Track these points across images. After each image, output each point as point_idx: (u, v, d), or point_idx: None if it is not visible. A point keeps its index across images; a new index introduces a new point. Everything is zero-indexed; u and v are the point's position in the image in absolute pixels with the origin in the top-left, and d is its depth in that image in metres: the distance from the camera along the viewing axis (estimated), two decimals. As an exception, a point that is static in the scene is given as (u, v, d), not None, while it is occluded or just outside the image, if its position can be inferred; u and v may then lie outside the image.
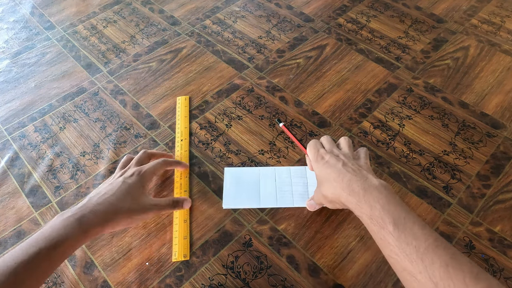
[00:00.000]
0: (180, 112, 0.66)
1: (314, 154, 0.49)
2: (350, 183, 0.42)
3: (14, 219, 0.56)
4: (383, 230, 0.38)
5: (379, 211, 0.39)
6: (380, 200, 0.39)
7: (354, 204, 0.41)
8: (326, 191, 0.46)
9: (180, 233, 0.51)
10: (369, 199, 0.40)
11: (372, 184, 0.41)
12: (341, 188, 0.43)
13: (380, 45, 0.75)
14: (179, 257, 0.50)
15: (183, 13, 0.85)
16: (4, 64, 0.78)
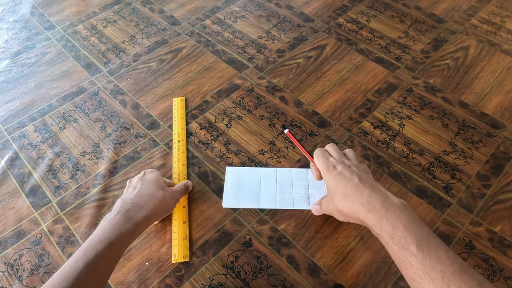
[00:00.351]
0: (177, 113, 0.66)
1: (325, 163, 0.47)
2: (370, 200, 0.41)
3: (14, 219, 0.56)
4: (405, 251, 0.36)
5: (401, 231, 0.37)
6: (403, 219, 0.38)
7: (375, 222, 0.40)
8: (341, 206, 0.44)
9: (179, 234, 0.51)
10: (391, 218, 0.39)
11: (393, 202, 0.40)
12: (360, 204, 0.41)
13: (380, 45, 0.75)
14: (179, 258, 0.50)
15: (183, 13, 0.85)
16: (4, 64, 0.78)
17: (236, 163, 0.59)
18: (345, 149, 0.50)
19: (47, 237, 0.53)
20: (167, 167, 0.59)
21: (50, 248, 0.52)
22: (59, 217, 0.55)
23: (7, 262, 0.51)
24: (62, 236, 0.53)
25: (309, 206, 0.53)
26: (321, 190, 0.55)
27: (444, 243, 0.37)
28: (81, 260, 0.39)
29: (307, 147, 0.60)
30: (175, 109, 0.66)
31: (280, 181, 0.56)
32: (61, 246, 0.52)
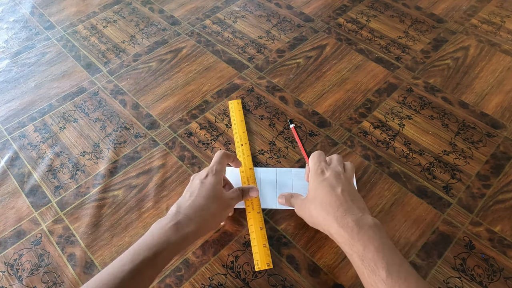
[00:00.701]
0: (235, 116, 0.64)
1: (315, 165, 0.47)
2: (345, 215, 0.41)
3: (14, 219, 0.56)
4: (375, 276, 0.36)
5: (372, 253, 0.37)
6: (375, 241, 0.38)
7: (345, 239, 0.40)
8: (316, 213, 0.44)
9: (259, 241, 0.50)
10: (363, 238, 0.38)
11: (367, 222, 0.40)
12: (334, 217, 0.41)
13: (380, 45, 0.75)
14: (262, 266, 0.48)
15: (183, 13, 0.85)
16: (4, 64, 0.78)
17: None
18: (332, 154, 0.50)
19: (47, 237, 0.53)
20: (167, 167, 0.59)
21: (50, 248, 0.52)
22: (59, 217, 0.55)
23: (7, 262, 0.51)
24: (62, 236, 0.53)
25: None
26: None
27: (415, 271, 0.37)
28: (128, 264, 0.39)
29: (307, 147, 0.60)
30: (233, 112, 0.64)
31: (280, 181, 0.56)
32: (61, 246, 0.52)
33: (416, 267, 0.48)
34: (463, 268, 0.48)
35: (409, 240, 0.50)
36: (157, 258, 0.40)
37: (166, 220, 0.43)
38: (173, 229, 0.42)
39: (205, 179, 0.48)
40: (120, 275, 0.38)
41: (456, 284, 0.47)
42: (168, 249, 0.41)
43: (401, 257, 0.37)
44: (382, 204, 0.54)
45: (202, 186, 0.47)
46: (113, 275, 0.38)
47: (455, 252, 0.49)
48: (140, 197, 0.56)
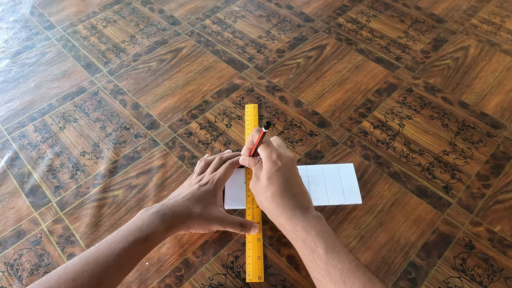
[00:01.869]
0: (250, 121, 0.63)
1: (270, 151, 0.48)
2: (294, 209, 0.45)
3: (14, 219, 0.56)
4: (314, 253, 0.41)
5: (313, 236, 0.42)
6: (316, 227, 0.43)
7: (292, 228, 0.44)
8: (267, 203, 0.46)
9: (254, 252, 0.49)
10: (306, 226, 0.43)
11: (311, 214, 0.45)
12: (284, 210, 0.45)
13: (380, 45, 0.75)
14: (254, 278, 0.48)
15: (183, 13, 0.85)
16: (4, 64, 0.78)
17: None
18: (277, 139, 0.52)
19: (47, 237, 0.53)
20: (167, 167, 0.59)
21: (50, 248, 0.52)
22: (59, 217, 0.55)
23: (7, 262, 0.51)
24: (62, 236, 0.53)
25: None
26: (321, 185, 0.55)
27: (348, 248, 0.42)
28: (122, 242, 0.41)
29: (307, 147, 0.60)
30: (248, 117, 0.63)
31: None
32: (61, 246, 0.52)
33: (416, 267, 0.48)
34: (463, 268, 0.48)
35: (409, 240, 0.50)
36: (147, 241, 0.43)
37: (154, 208, 0.46)
38: (160, 219, 0.44)
39: (203, 186, 0.51)
40: (116, 249, 0.41)
41: (456, 284, 0.47)
42: (155, 236, 0.44)
43: (336, 238, 0.42)
44: (382, 204, 0.54)
45: (197, 191, 0.50)
46: (109, 249, 0.41)
47: (455, 252, 0.49)
48: (140, 197, 0.56)
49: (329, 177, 0.56)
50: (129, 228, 0.43)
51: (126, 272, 0.42)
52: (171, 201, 0.48)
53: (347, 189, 0.55)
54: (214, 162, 0.55)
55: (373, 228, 0.51)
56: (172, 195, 0.51)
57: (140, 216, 0.45)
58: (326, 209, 0.53)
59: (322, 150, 0.60)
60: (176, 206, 0.47)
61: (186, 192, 0.50)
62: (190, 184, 0.52)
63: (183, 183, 0.55)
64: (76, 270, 0.39)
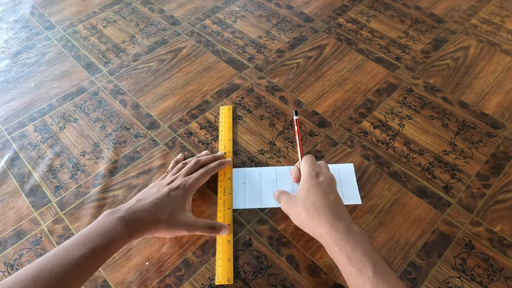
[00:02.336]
0: (224, 122, 0.63)
1: (310, 167, 0.48)
2: (336, 220, 0.43)
3: (14, 219, 0.56)
4: (362, 275, 0.39)
5: (360, 254, 0.40)
6: (363, 245, 0.41)
7: (336, 240, 0.42)
8: (307, 213, 0.45)
9: (224, 254, 0.49)
10: (352, 241, 0.41)
11: (354, 228, 0.43)
12: (326, 219, 0.43)
13: (380, 45, 0.75)
14: (223, 281, 0.47)
15: (183, 13, 0.85)
16: (4, 64, 0.78)
17: (236, 163, 0.59)
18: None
19: (47, 237, 0.53)
20: (167, 167, 0.59)
21: (50, 248, 0.52)
22: (59, 217, 0.55)
23: (7, 262, 0.51)
24: (62, 236, 0.53)
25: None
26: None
27: (395, 273, 0.40)
28: (81, 248, 0.40)
29: (307, 147, 0.60)
30: (222, 118, 0.63)
31: (280, 179, 0.56)
32: (61, 246, 0.52)
33: (416, 267, 0.48)
34: (463, 268, 0.48)
35: (409, 240, 0.50)
36: (107, 249, 0.42)
37: (119, 213, 0.44)
38: (123, 225, 0.43)
39: (173, 191, 0.49)
40: (73, 256, 0.39)
41: (456, 284, 0.47)
42: (116, 243, 0.43)
43: (383, 260, 0.40)
44: (382, 204, 0.54)
45: (166, 197, 0.48)
46: (66, 256, 0.39)
47: (455, 252, 0.49)
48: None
49: (329, 177, 0.56)
50: (89, 234, 0.42)
51: (84, 280, 0.41)
52: (137, 205, 0.46)
53: (347, 189, 0.55)
54: (189, 165, 0.54)
55: (373, 228, 0.51)
56: (140, 195, 0.49)
57: (103, 220, 0.43)
58: (326, 209, 0.53)
59: (322, 150, 0.60)
60: (143, 211, 0.46)
61: (155, 196, 0.48)
62: (161, 185, 0.51)
63: (156, 181, 0.54)
64: (28, 281, 0.36)
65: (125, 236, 0.43)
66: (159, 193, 0.49)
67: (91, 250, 0.40)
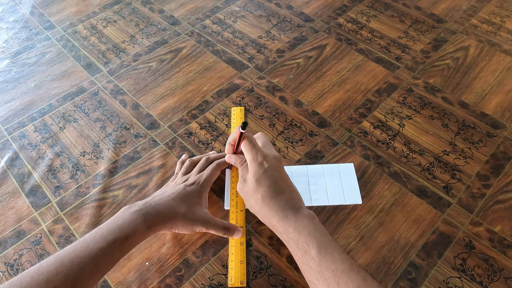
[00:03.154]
0: (236, 124, 0.63)
1: (254, 154, 0.47)
2: (285, 210, 0.44)
3: (14, 219, 0.56)
4: (307, 255, 0.40)
5: (305, 237, 0.41)
6: (308, 227, 0.42)
7: (284, 229, 0.43)
8: (258, 206, 0.45)
9: (236, 257, 0.49)
10: (299, 226, 0.42)
11: (302, 213, 0.44)
12: (275, 212, 0.44)
13: (380, 45, 0.75)
14: (236, 283, 0.47)
15: (183, 13, 0.85)
16: (4, 64, 0.78)
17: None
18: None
19: (47, 237, 0.53)
20: (167, 167, 0.59)
21: (50, 248, 0.52)
22: (59, 217, 0.55)
23: (7, 262, 0.51)
24: (62, 236, 0.53)
25: (310, 202, 0.53)
26: (321, 185, 0.55)
27: (341, 247, 0.41)
28: (101, 241, 0.40)
29: (307, 147, 0.60)
30: (234, 119, 0.63)
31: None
32: (61, 246, 0.52)
33: (416, 267, 0.48)
34: (463, 268, 0.48)
35: (409, 240, 0.50)
36: (127, 241, 0.42)
37: (137, 207, 0.45)
38: (142, 218, 0.43)
39: (189, 187, 0.50)
40: (94, 249, 0.40)
41: (456, 284, 0.47)
42: (135, 236, 0.43)
43: (329, 238, 0.42)
44: (382, 204, 0.54)
45: (182, 191, 0.49)
46: (86, 248, 0.40)
47: (455, 252, 0.49)
48: (140, 197, 0.56)
49: (329, 177, 0.56)
50: (109, 227, 0.42)
51: (104, 273, 0.41)
52: (155, 199, 0.47)
53: (347, 189, 0.55)
54: (200, 162, 0.55)
55: (373, 228, 0.51)
56: (156, 193, 0.50)
57: (121, 214, 0.44)
58: (326, 209, 0.53)
59: (322, 150, 0.60)
60: (160, 205, 0.46)
61: (171, 191, 0.49)
62: (175, 184, 0.51)
63: (167, 183, 0.55)
64: (50, 271, 0.37)
65: (144, 229, 0.43)
66: (174, 189, 0.49)
67: (110, 243, 0.40)
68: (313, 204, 0.54)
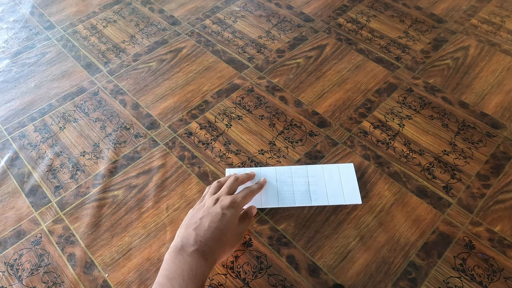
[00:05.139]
0: None
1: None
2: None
3: (14, 219, 0.56)
4: None
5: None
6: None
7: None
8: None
9: None
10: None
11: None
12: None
13: (380, 45, 0.75)
14: None
15: (183, 13, 0.85)
16: (4, 64, 0.78)
17: (236, 163, 0.59)
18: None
19: (47, 237, 0.53)
20: (167, 167, 0.59)
21: (50, 248, 0.52)
22: (59, 217, 0.55)
23: (7, 262, 0.51)
24: (62, 236, 0.53)
25: (310, 202, 0.54)
26: (321, 186, 0.55)
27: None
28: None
29: (307, 147, 0.60)
30: None
31: (280, 179, 0.56)
32: (61, 246, 0.52)
33: (416, 267, 0.48)
34: (463, 268, 0.48)
35: (409, 240, 0.50)
36: (197, 285, 0.40)
37: (190, 248, 0.42)
38: (203, 259, 0.42)
39: (227, 210, 0.46)
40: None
41: (456, 284, 0.47)
42: (203, 276, 0.41)
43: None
44: (382, 204, 0.54)
45: (223, 217, 0.45)
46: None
47: (455, 252, 0.49)
48: (140, 197, 0.56)
49: (329, 177, 0.56)
50: (181, 277, 0.40)
51: None
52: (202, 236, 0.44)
53: (347, 189, 0.55)
54: (229, 181, 0.52)
55: (373, 228, 0.51)
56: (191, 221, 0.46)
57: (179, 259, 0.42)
58: (326, 209, 0.53)
59: (322, 150, 0.60)
60: (211, 240, 0.44)
61: (210, 219, 0.45)
62: (207, 207, 0.48)
63: (195, 206, 0.50)
64: None
65: (207, 270, 0.42)
66: (212, 215, 0.46)
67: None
68: (313, 204, 0.54)
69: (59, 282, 0.49)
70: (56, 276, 0.50)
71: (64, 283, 0.49)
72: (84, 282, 0.49)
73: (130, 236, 0.53)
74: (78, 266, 0.50)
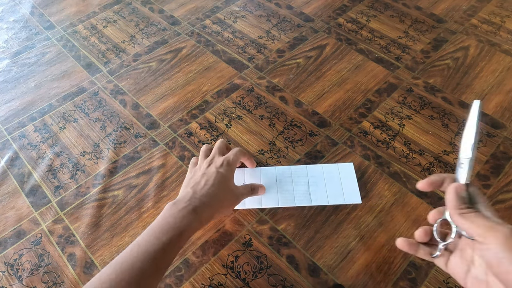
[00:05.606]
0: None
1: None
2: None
3: (14, 219, 0.56)
4: None
5: None
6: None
7: None
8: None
9: None
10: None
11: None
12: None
13: (380, 45, 0.75)
14: None
15: (183, 13, 0.85)
16: (4, 64, 0.78)
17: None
18: None
19: (47, 237, 0.53)
20: (167, 167, 0.59)
21: (50, 248, 0.52)
22: (59, 217, 0.55)
23: (7, 262, 0.51)
24: (62, 236, 0.53)
25: (310, 202, 0.54)
26: (321, 185, 0.55)
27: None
28: (156, 242, 0.40)
29: (307, 147, 0.60)
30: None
31: (280, 179, 0.56)
32: (61, 246, 0.52)
33: (416, 267, 0.48)
34: (463, 268, 0.48)
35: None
36: (181, 238, 0.42)
37: (183, 203, 0.44)
38: (193, 213, 0.44)
39: (221, 169, 0.49)
40: (150, 251, 0.40)
41: (456, 284, 0.47)
42: (188, 231, 0.43)
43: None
44: (382, 204, 0.54)
45: (218, 175, 0.48)
46: (144, 252, 0.40)
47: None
48: (140, 197, 0.56)
49: (329, 177, 0.56)
50: (161, 227, 0.42)
51: (164, 272, 0.41)
52: (198, 193, 0.46)
53: (347, 189, 0.55)
54: (218, 144, 0.54)
55: (373, 228, 0.51)
56: (189, 182, 0.49)
57: (170, 212, 0.44)
58: (326, 209, 0.53)
59: (322, 150, 0.60)
60: (205, 196, 0.46)
61: (205, 179, 0.48)
62: (202, 169, 0.50)
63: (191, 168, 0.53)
64: (112, 279, 0.37)
65: (196, 224, 0.44)
66: (209, 175, 0.49)
67: (166, 243, 0.40)
68: (313, 204, 0.54)
69: (59, 282, 0.49)
70: (56, 276, 0.50)
71: (64, 283, 0.49)
72: (84, 282, 0.49)
73: (130, 236, 0.53)
74: (78, 266, 0.50)
